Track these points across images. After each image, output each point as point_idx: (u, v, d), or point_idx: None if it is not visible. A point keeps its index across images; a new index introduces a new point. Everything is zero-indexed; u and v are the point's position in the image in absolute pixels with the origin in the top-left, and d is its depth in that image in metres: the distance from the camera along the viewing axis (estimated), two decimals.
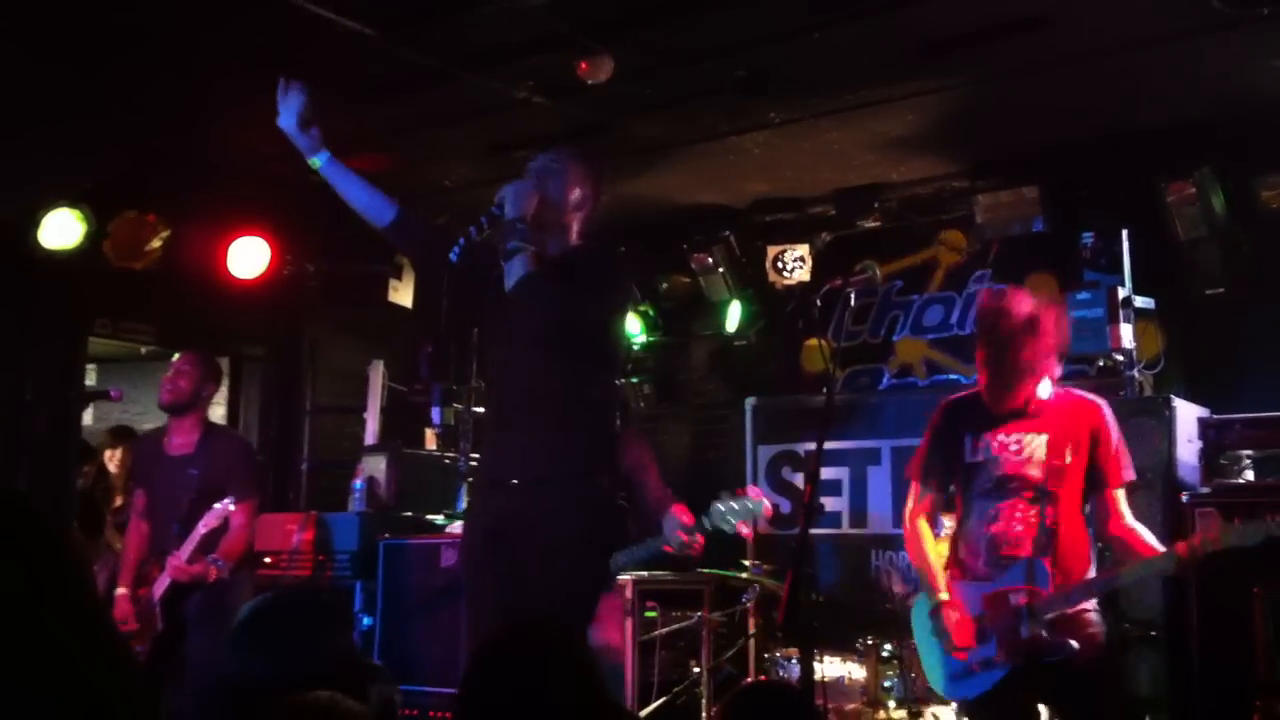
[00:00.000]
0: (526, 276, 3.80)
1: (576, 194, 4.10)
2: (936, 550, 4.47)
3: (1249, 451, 5.69)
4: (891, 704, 5.62)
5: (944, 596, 4.29)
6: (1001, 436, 4.27)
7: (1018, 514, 4.21)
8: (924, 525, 4.50)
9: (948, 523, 6.30)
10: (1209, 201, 6.34)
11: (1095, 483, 4.24)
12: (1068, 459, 4.21)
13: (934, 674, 4.42)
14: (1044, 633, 4.08)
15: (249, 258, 7.32)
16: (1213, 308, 6.56)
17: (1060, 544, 4.17)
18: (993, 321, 4.22)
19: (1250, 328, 6.54)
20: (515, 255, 3.82)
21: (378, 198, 4.28)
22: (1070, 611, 4.11)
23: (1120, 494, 4.26)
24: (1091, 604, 4.17)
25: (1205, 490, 5.59)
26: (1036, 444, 4.24)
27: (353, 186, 4.29)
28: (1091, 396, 4.40)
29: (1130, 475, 4.28)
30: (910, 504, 4.55)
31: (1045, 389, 4.27)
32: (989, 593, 4.22)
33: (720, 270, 7.86)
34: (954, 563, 4.39)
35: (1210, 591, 5.39)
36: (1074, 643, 4.07)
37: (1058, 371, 4.30)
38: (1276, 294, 6.47)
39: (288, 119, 4.14)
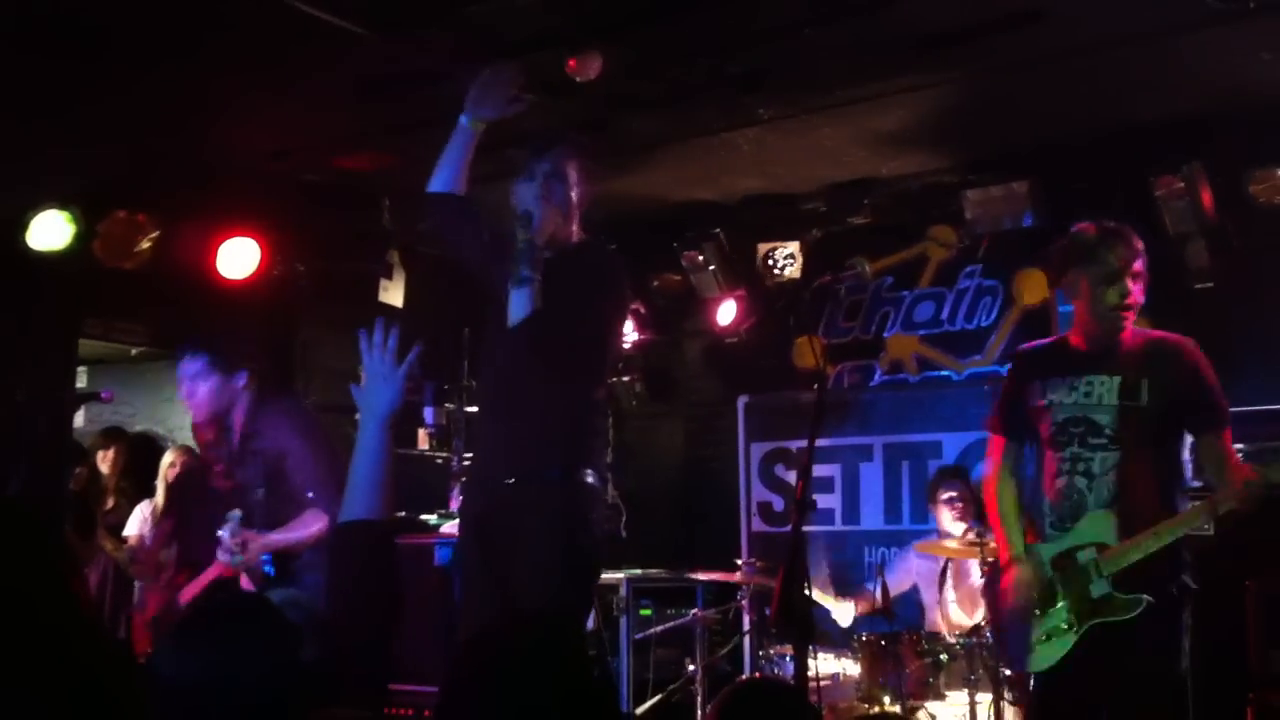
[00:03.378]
0: (532, 317, 3.77)
1: (577, 194, 4.07)
2: (1015, 507, 4.27)
3: (1241, 445, 5.70)
4: (886, 700, 5.63)
5: (1014, 556, 4.16)
6: (1072, 379, 4.11)
7: (1081, 464, 4.03)
8: (1004, 480, 4.29)
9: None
10: (1198, 196, 6.36)
11: (1189, 427, 4.10)
12: (1143, 400, 4.02)
13: (1012, 644, 4.24)
14: (1114, 590, 3.92)
15: (239, 258, 7.30)
16: (1203, 302, 6.57)
17: (1130, 494, 3.99)
18: (1121, 249, 4.06)
19: (1241, 322, 6.55)
20: (524, 286, 3.79)
21: (461, 175, 4.26)
22: (1144, 565, 3.91)
23: (1229, 434, 4.12)
24: (1170, 557, 3.96)
25: (1197, 484, 5.59)
26: (1106, 387, 4.06)
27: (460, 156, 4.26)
28: (1176, 336, 4.24)
29: (1228, 414, 4.15)
30: (990, 463, 4.36)
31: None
32: (1057, 553, 4.07)
33: (711, 267, 7.87)
34: (1028, 520, 4.22)
35: (1202, 584, 5.40)
36: (1148, 597, 3.89)
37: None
38: (1266, 288, 6.49)
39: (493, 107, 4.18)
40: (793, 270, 7.65)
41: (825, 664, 5.91)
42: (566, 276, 3.86)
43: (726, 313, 7.99)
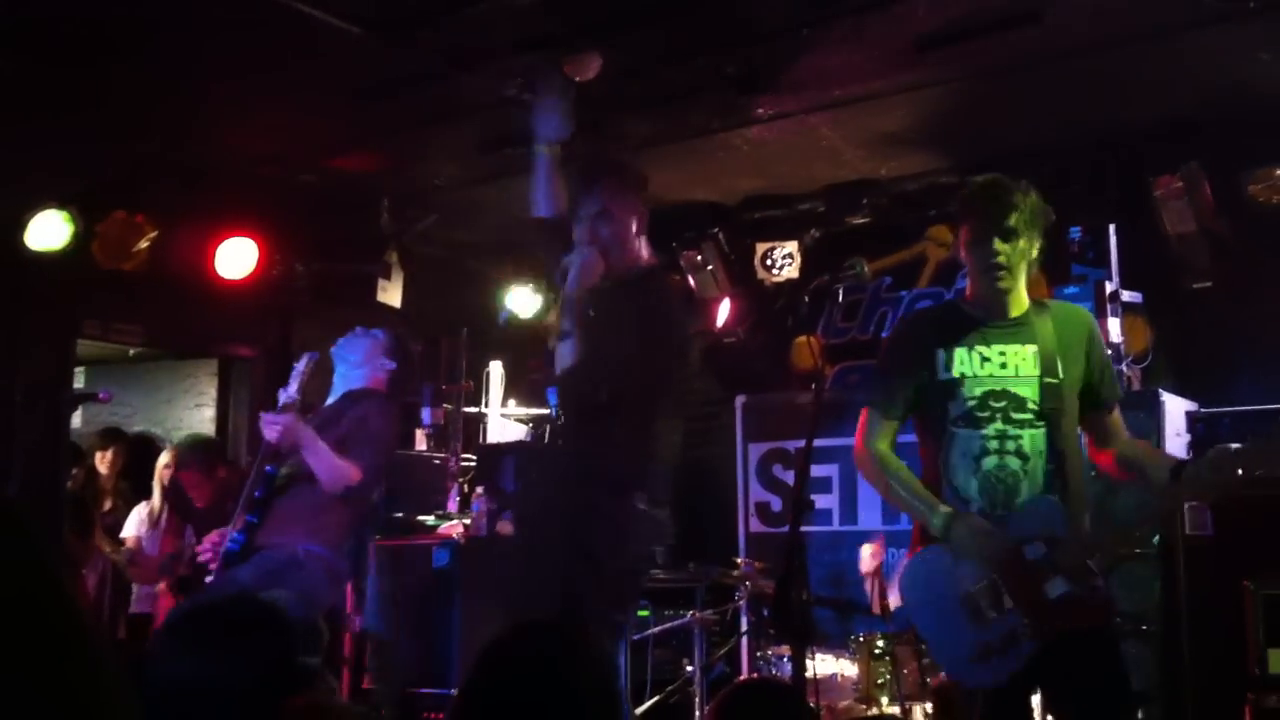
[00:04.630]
0: (571, 370, 4.04)
1: (634, 219, 4.22)
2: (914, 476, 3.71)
3: (1237, 445, 5.70)
4: (884, 700, 5.63)
5: (946, 510, 3.54)
6: (981, 348, 3.64)
7: (1010, 443, 3.55)
8: (889, 454, 3.73)
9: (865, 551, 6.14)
10: (1196, 195, 6.37)
11: (1093, 402, 3.69)
12: (1060, 374, 3.60)
13: (949, 652, 3.67)
14: (1075, 590, 3.43)
15: (237, 258, 7.30)
16: (1201, 301, 6.58)
17: (1068, 476, 3.57)
18: (989, 186, 3.68)
19: (1238, 321, 6.56)
20: (564, 339, 4.04)
21: (551, 197, 4.41)
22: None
23: (1119, 415, 3.77)
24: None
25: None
26: (1024, 356, 3.62)
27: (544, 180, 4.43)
28: (1076, 306, 3.96)
29: (1120, 392, 3.83)
30: (863, 431, 3.78)
31: (1024, 292, 3.70)
32: (1005, 547, 3.50)
33: (709, 268, 7.87)
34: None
35: (1200, 585, 5.41)
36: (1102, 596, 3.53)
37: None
38: (1264, 288, 6.49)
39: None
40: (791, 270, 7.65)
41: (823, 665, 5.91)
42: (619, 313, 3.96)
43: (724, 313, 7.99)
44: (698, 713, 6.14)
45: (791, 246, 7.65)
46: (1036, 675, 3.54)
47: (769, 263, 7.69)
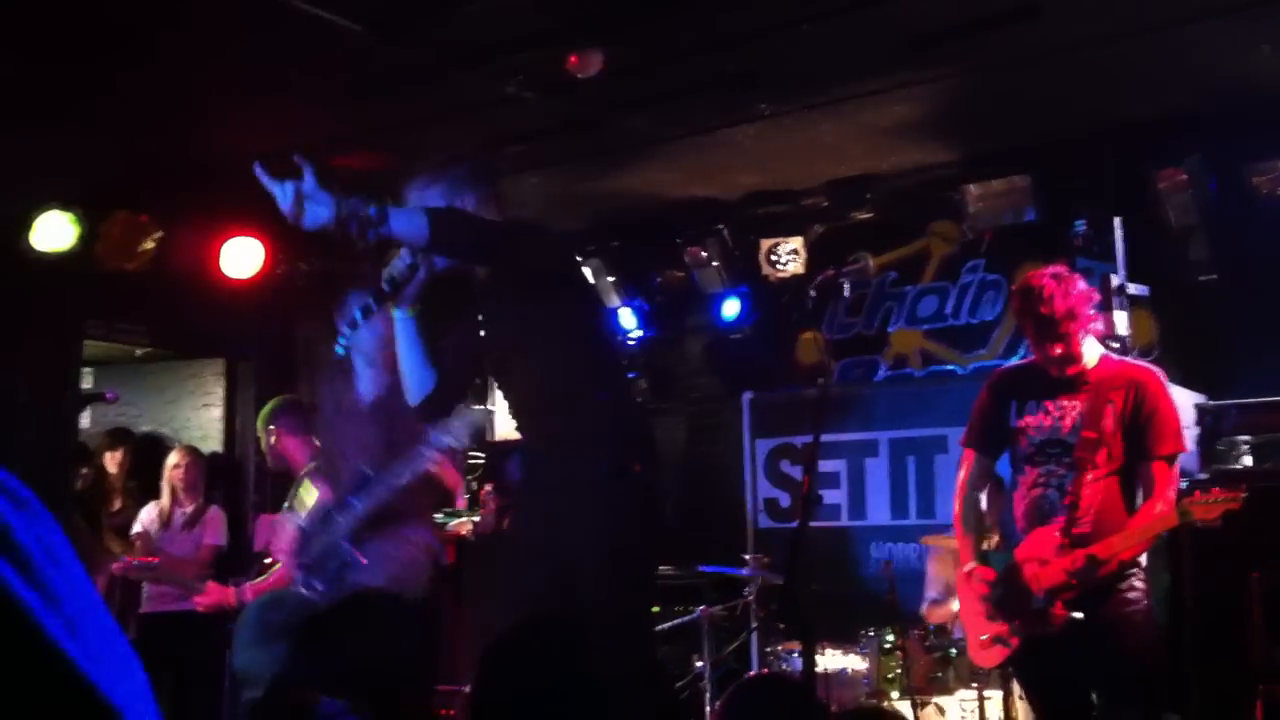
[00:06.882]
0: None
1: None
2: (975, 518, 4.52)
3: (1246, 436, 5.70)
4: (894, 695, 5.63)
5: (968, 567, 4.40)
6: (1047, 403, 4.30)
7: (1054, 480, 4.25)
8: (972, 495, 4.52)
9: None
10: (1200, 188, 6.36)
11: (1136, 453, 4.21)
12: (1106, 427, 4.20)
13: (970, 636, 4.57)
14: (1047, 606, 4.14)
15: (242, 258, 7.30)
16: (1206, 294, 6.57)
17: (1081, 515, 4.17)
18: (1023, 297, 4.24)
19: (1243, 313, 6.55)
20: None
21: None
22: (1090, 583, 4.09)
23: (1160, 467, 4.22)
24: (1128, 580, 4.18)
25: (1203, 476, 5.60)
26: (1076, 411, 4.24)
27: None
28: (1142, 363, 4.52)
29: (1170, 448, 4.24)
30: (962, 473, 4.57)
31: (1092, 349, 4.27)
32: (1006, 565, 4.32)
33: (714, 264, 7.87)
34: (1001, 531, 4.57)
35: (1207, 577, 5.41)
36: (1078, 615, 4.09)
37: (1098, 325, 4.35)
38: (1268, 279, 6.48)
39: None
40: (795, 266, 7.65)
41: (833, 660, 5.91)
42: None
43: (729, 309, 7.99)
44: (707, 709, 6.14)
45: (796, 242, 7.65)
46: (1022, 663, 4.40)
47: (774, 258, 7.69)
